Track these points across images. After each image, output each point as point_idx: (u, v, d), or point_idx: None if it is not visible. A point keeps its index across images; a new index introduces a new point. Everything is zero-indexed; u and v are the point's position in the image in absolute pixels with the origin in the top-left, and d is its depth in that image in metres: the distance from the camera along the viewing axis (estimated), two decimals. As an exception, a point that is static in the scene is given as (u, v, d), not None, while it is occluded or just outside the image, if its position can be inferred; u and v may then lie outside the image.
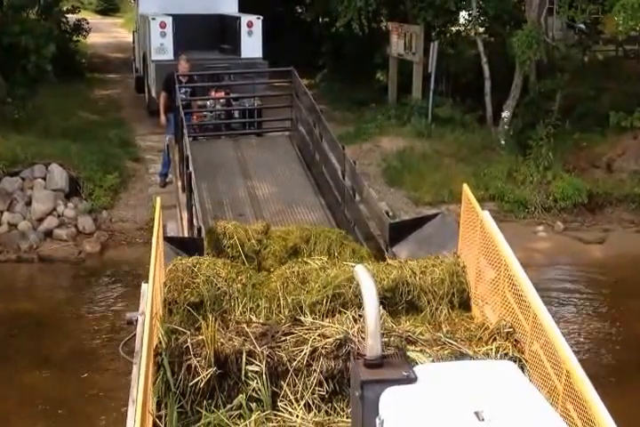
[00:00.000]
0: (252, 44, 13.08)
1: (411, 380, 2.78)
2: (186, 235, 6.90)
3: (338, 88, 16.02)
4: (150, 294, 4.04)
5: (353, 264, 4.87)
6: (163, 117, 10.64)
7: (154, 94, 12.73)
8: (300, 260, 5.25)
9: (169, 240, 5.26)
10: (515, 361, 3.92)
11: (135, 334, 4.84)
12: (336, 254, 5.80)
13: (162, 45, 12.70)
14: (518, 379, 2.99)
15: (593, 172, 11.64)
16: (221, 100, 11.41)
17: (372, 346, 2.86)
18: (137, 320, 4.98)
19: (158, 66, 12.54)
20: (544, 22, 12.40)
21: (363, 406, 2.75)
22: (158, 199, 5.06)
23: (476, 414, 2.56)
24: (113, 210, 10.62)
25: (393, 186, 11.45)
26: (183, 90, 10.13)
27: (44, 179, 10.52)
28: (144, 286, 5.02)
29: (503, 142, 12.34)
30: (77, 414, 6.72)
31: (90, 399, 6.92)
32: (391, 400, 2.71)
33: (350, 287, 4.59)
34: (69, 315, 8.54)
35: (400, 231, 5.90)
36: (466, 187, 4.99)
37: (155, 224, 4.77)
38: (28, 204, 10.34)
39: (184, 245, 5.30)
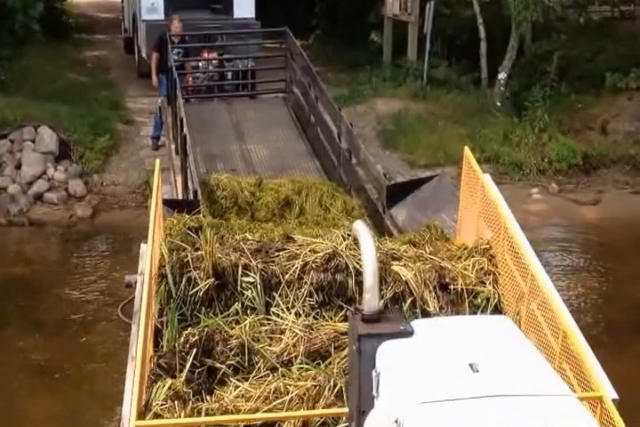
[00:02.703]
0: (244, 4, 12.78)
1: (407, 334, 2.78)
2: (180, 198, 6.89)
3: (331, 49, 15.73)
4: (149, 255, 4.08)
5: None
6: (155, 79, 10.46)
7: (144, 55, 12.47)
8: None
9: (166, 202, 5.28)
10: (489, 274, 4.29)
11: (133, 298, 4.86)
12: (327, 206, 5.99)
13: (152, 5, 12.37)
14: (514, 334, 2.99)
15: (588, 133, 11.58)
16: (214, 62, 11.22)
17: (370, 300, 2.85)
18: (136, 282, 4.99)
19: (149, 26, 12.23)
20: (541, -19, 12.15)
21: (360, 360, 2.75)
22: (157, 161, 5.20)
23: (471, 365, 2.56)
24: (104, 173, 10.50)
25: (388, 149, 11.35)
26: (175, 50, 9.94)
27: (34, 141, 10.35)
28: (143, 246, 5.01)
29: (499, 104, 12.22)
30: (75, 378, 6.74)
31: (87, 363, 6.93)
32: (387, 353, 2.72)
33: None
34: (62, 279, 8.51)
35: (397, 193, 5.96)
36: (467, 149, 4.97)
37: (154, 186, 4.84)
38: (18, 167, 10.20)
39: (181, 207, 5.33)
